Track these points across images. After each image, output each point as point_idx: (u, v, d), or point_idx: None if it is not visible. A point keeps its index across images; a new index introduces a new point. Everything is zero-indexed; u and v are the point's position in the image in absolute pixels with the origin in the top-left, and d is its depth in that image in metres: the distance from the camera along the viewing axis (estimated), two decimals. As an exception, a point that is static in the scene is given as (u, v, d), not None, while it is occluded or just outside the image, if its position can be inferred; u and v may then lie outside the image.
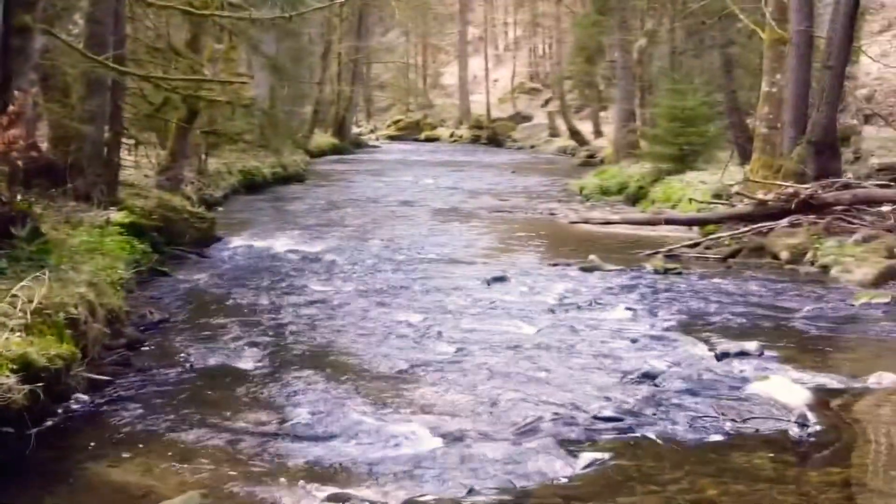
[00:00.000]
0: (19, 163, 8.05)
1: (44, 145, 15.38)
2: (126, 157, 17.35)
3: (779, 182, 15.92)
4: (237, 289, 12.65)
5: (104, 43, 14.18)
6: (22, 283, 7.27)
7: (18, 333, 6.78)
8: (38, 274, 7.80)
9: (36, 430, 6.69)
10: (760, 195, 15.95)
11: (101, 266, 9.48)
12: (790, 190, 15.34)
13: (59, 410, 7.26)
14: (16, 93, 8.54)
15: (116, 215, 13.62)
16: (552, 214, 21.55)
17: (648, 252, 15.44)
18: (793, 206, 15.10)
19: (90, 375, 7.78)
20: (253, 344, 9.68)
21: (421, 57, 76.52)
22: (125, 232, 13.05)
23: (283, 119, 19.82)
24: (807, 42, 16.28)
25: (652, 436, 6.83)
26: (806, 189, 15.18)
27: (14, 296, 7.43)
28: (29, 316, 7.02)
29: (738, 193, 16.63)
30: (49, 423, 7.02)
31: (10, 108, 8.20)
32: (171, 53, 15.46)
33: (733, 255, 14.89)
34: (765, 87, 17.87)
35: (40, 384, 6.55)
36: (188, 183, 20.23)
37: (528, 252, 16.15)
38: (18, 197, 9.11)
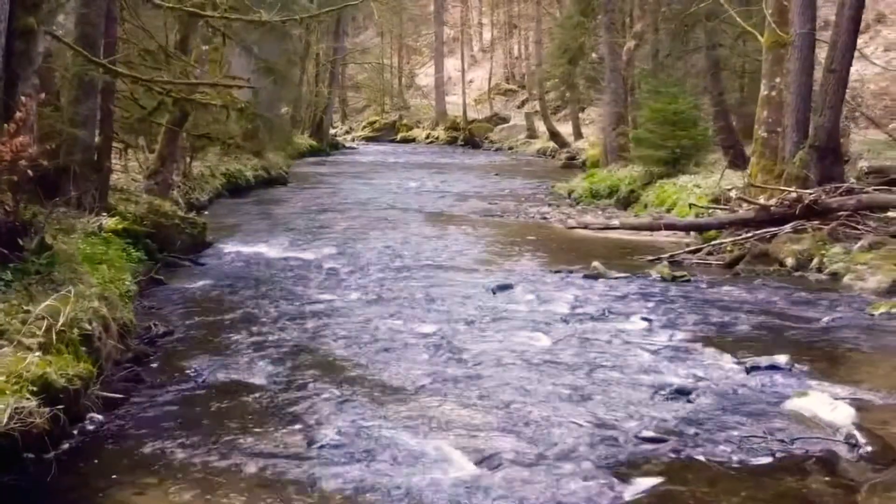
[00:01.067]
0: (29, 172, 7.70)
1: (33, 149, 15.05)
2: (114, 161, 16.99)
3: (781, 187, 15.72)
4: (237, 298, 12.34)
5: (95, 45, 13.81)
6: (45, 303, 6.90)
7: (37, 353, 6.44)
8: (58, 290, 7.46)
9: (54, 454, 6.39)
10: (762, 200, 15.77)
11: (109, 277, 9.14)
12: (793, 195, 15.15)
13: (75, 432, 6.94)
14: (23, 98, 8.19)
15: (109, 221, 13.31)
16: (544, 218, 21.31)
17: (650, 258, 15.22)
18: (796, 211, 14.90)
19: (104, 394, 7.45)
20: (263, 357, 9.38)
21: (396, 58, 76.14)
22: (118, 238, 12.74)
23: (280, 122, 19.41)
24: (809, 45, 16.10)
25: (700, 458, 6.58)
26: (810, 194, 14.99)
27: (27, 312, 7.11)
28: (51, 333, 6.68)
29: (739, 198, 16.40)
30: (66, 445, 6.70)
31: (18, 114, 7.85)
32: (163, 56, 15.04)
33: (736, 261, 14.67)
34: (764, 91, 17.69)
35: (60, 406, 6.24)
36: (175, 187, 19.86)
37: (527, 258, 15.89)
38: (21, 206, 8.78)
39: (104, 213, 13.59)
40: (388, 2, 58.72)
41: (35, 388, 6.12)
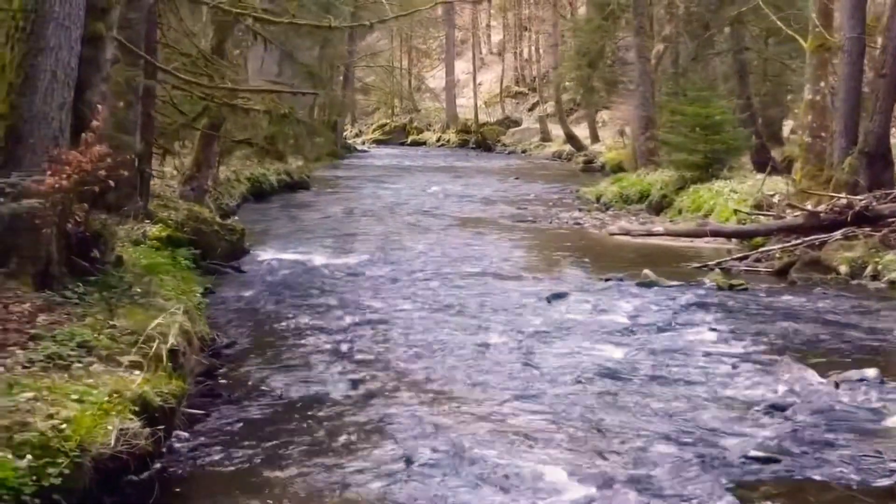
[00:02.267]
0: (111, 182, 7.50)
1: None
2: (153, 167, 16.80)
3: (831, 193, 15.50)
4: (288, 306, 12.16)
5: (138, 49, 13.61)
6: (157, 321, 6.70)
7: (136, 372, 6.24)
8: (136, 303, 7.26)
9: (147, 475, 6.20)
10: (809, 206, 15.55)
11: (181, 290, 8.94)
12: (843, 201, 14.94)
13: (164, 450, 6.70)
14: (99, 107, 7.99)
15: (153, 229, 13.10)
16: (578, 224, 21.10)
17: (696, 265, 15.04)
18: (847, 217, 14.69)
19: (189, 410, 7.25)
20: (332, 369, 9.22)
21: (406, 60, 75.90)
22: (162, 246, 12.55)
23: (322, 129, 19.22)
24: (859, 50, 15.89)
25: (817, 478, 6.37)
26: (860, 200, 14.78)
27: (113, 327, 6.92)
28: (164, 352, 6.49)
29: (788, 205, 16.18)
30: (158, 465, 6.47)
31: (94, 123, 7.65)
32: (203, 60, 14.85)
33: (786, 268, 14.45)
34: (808, 96, 17.48)
35: (160, 426, 6.05)
36: (209, 192, 19.66)
37: (570, 265, 15.69)
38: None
39: (147, 221, 13.39)
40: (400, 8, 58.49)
41: (136, 408, 5.93)
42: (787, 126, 30.95)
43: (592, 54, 35.71)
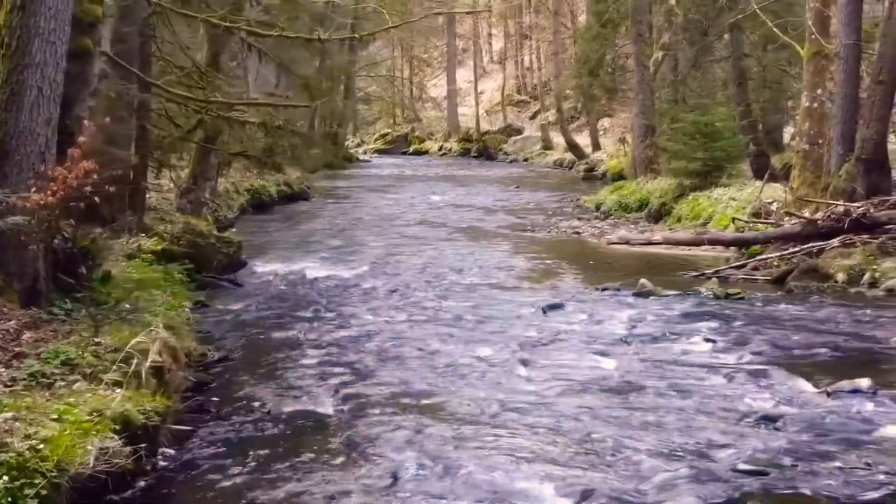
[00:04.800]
0: (96, 199, 7.46)
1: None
2: (149, 180, 16.78)
3: (828, 200, 15.44)
4: (283, 320, 12.13)
5: (131, 63, 13.60)
6: (137, 339, 6.66)
7: (117, 390, 6.20)
8: (122, 319, 7.23)
9: (130, 493, 6.16)
10: (808, 214, 15.49)
11: (170, 305, 8.89)
12: (841, 209, 14.86)
13: (148, 468, 6.65)
14: (85, 122, 7.96)
15: (147, 243, 13.08)
16: (577, 233, 21.07)
17: (694, 274, 15.01)
18: (845, 225, 14.61)
19: (175, 427, 7.21)
20: (323, 384, 9.17)
21: (407, 69, 75.92)
22: (157, 260, 12.51)
23: (319, 140, 19.20)
24: (855, 56, 15.83)
25: (806, 491, 6.30)
26: (858, 207, 14.71)
27: (97, 344, 6.88)
28: (143, 370, 6.45)
29: (786, 213, 16.12)
30: (142, 483, 6.43)
31: (80, 138, 7.61)
32: (198, 73, 14.83)
33: (784, 276, 14.41)
34: (805, 103, 17.41)
35: (142, 444, 6.00)
36: (206, 205, 19.64)
37: (568, 275, 15.66)
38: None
39: (142, 234, 13.37)
40: (399, 13, 58.53)
41: (117, 427, 5.88)
42: (788, 133, 30.87)
43: (592, 62, 35.59)
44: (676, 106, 26.89)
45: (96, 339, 6.99)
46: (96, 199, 7.41)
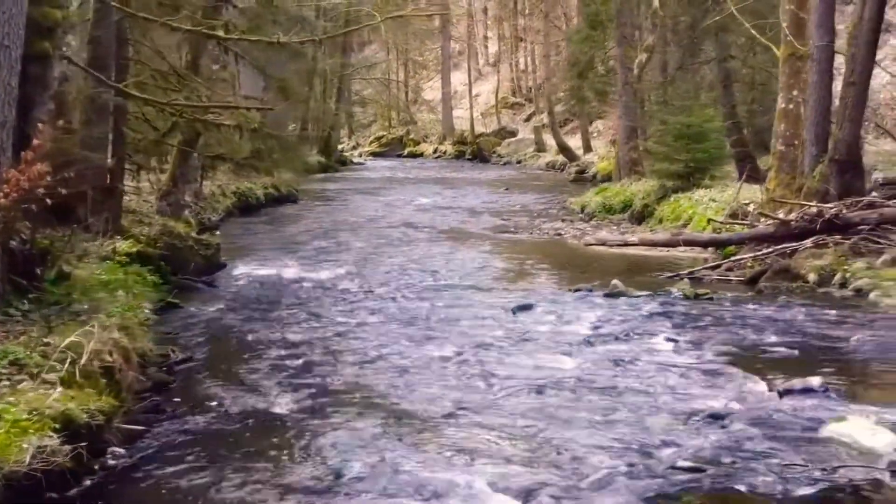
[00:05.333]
0: (47, 201, 7.54)
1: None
2: (127, 182, 16.86)
3: (801, 202, 15.51)
4: (253, 321, 12.19)
5: (107, 66, 13.71)
6: (66, 337, 6.74)
7: (59, 388, 6.27)
8: (78, 320, 7.30)
9: (76, 492, 6.23)
10: (782, 215, 15.57)
11: (128, 305, 8.97)
12: (814, 210, 14.93)
13: (97, 467, 6.73)
14: (39, 125, 8.04)
15: (122, 244, 13.17)
16: (559, 234, 21.15)
17: (669, 275, 15.06)
18: (817, 226, 14.68)
19: (126, 426, 7.28)
20: (283, 384, 9.22)
21: (402, 72, 76.06)
22: (132, 262, 12.60)
23: (295, 142, 19.29)
24: (828, 58, 15.89)
25: (741, 488, 6.37)
26: (830, 208, 14.78)
27: (46, 344, 6.95)
28: (76, 368, 6.52)
29: (759, 213, 16.20)
30: (88, 482, 6.50)
31: (35, 141, 7.69)
32: (175, 76, 14.91)
33: (757, 277, 14.48)
34: (781, 104, 17.49)
35: (83, 443, 6.08)
36: (188, 207, 19.73)
37: (544, 276, 15.74)
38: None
39: (117, 236, 13.45)
40: (394, 20, 58.58)
41: (57, 425, 5.96)
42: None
43: (582, 64, 35.75)
44: (666, 108, 26.97)
45: (45, 340, 7.07)
46: (48, 200, 7.46)
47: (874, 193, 16.50)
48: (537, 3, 53.39)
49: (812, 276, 13.79)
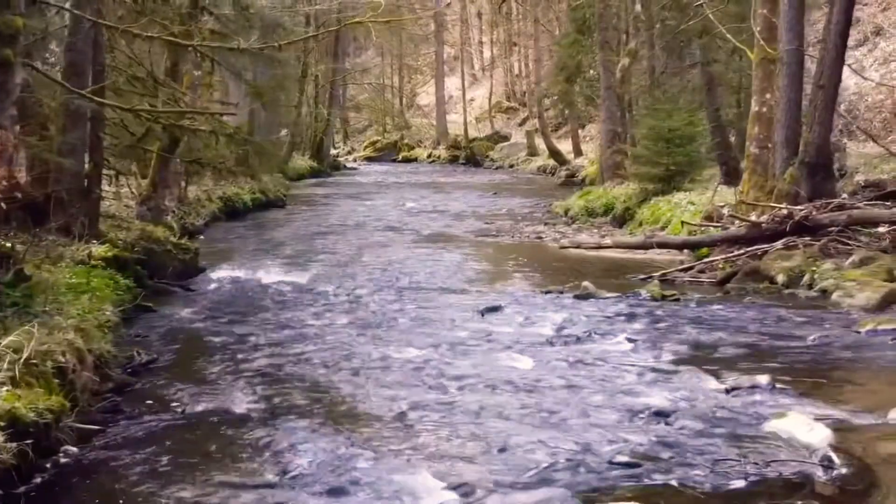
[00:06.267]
0: (2, 204, 7.70)
1: (22, 178, 15.07)
2: (106, 187, 17.01)
3: (772, 204, 15.68)
4: (224, 324, 12.32)
5: (83, 73, 13.87)
6: (10, 338, 6.89)
7: (6, 387, 6.42)
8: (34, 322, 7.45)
9: (25, 489, 6.38)
10: (754, 217, 15.74)
11: (89, 308, 9.13)
12: (784, 212, 15.11)
13: (48, 465, 6.88)
14: (1, 131, 8.21)
15: (98, 249, 13.30)
16: (539, 238, 21.30)
17: (642, 277, 15.21)
18: (787, 227, 14.87)
19: (79, 425, 7.43)
20: (245, 385, 9.35)
21: (397, 77, 76.27)
22: (107, 266, 12.75)
23: (271, 147, 19.44)
24: (798, 61, 16.06)
25: (673, 483, 6.51)
26: (800, 210, 14.95)
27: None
28: (16, 367, 6.66)
29: (731, 216, 16.37)
30: (38, 479, 6.65)
31: (-8, 147, 7.86)
32: (152, 82, 15.07)
33: (728, 278, 14.63)
34: (754, 107, 17.65)
35: (29, 441, 6.22)
36: (169, 212, 19.89)
37: (519, 279, 15.88)
38: None
39: (94, 241, 13.58)
40: (381, 24, 58.74)
41: (2, 423, 6.10)
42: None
43: (570, 69, 35.90)
44: (656, 112, 27.12)
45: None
46: (2, 205, 7.62)
47: (845, 195, 16.68)
48: (531, 8, 53.56)
49: (781, 278, 13.95)
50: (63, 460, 7.07)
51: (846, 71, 22.27)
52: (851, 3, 15.22)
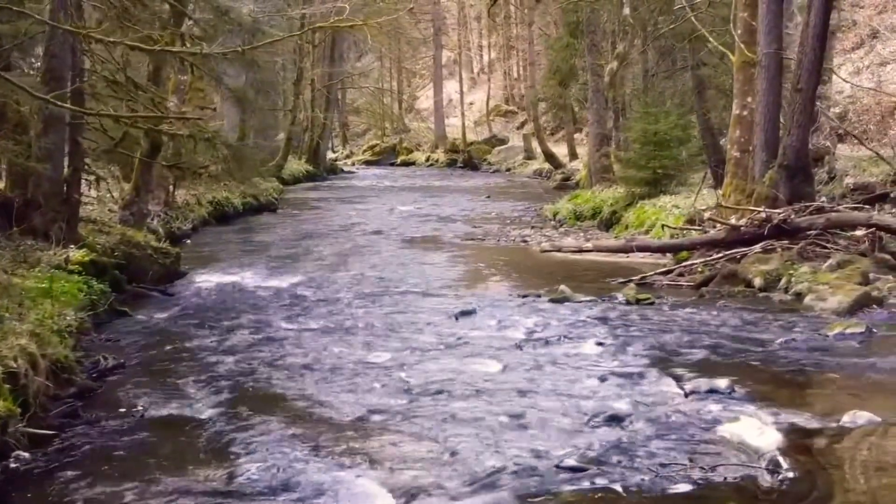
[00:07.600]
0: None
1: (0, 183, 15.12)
2: (88, 192, 17.05)
3: (751, 207, 15.67)
4: (200, 328, 12.32)
5: (62, 77, 13.87)
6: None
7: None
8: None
9: (-29, 494, 6.41)
10: (733, 220, 15.74)
11: (49, 313, 9.14)
12: (762, 215, 15.09)
13: (-3, 470, 6.92)
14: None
15: (76, 254, 13.31)
16: (524, 242, 21.30)
17: (621, 280, 15.20)
18: (766, 231, 14.86)
19: (32, 430, 7.44)
20: (210, 389, 9.38)
21: (395, 81, 76.34)
22: (85, 271, 12.76)
23: (250, 152, 19.44)
24: (776, 65, 16.07)
25: (617, 487, 6.53)
26: (779, 214, 14.94)
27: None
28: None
29: (710, 219, 16.38)
30: (-16, 484, 6.68)
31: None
32: (132, 86, 15.10)
33: (706, 282, 14.63)
34: (736, 111, 17.65)
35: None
36: (154, 216, 19.91)
37: (498, 282, 15.90)
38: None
39: (72, 245, 13.60)
40: (385, 25, 58.84)
41: (-56, 428, 6.13)
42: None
43: (563, 73, 35.92)
44: (646, 115, 27.11)
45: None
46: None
47: (843, 198, 16.71)
48: (529, 12, 53.55)
49: (758, 281, 13.94)
50: (13, 465, 7.10)
51: (843, 74, 22.31)
52: (828, 7, 15.19)
